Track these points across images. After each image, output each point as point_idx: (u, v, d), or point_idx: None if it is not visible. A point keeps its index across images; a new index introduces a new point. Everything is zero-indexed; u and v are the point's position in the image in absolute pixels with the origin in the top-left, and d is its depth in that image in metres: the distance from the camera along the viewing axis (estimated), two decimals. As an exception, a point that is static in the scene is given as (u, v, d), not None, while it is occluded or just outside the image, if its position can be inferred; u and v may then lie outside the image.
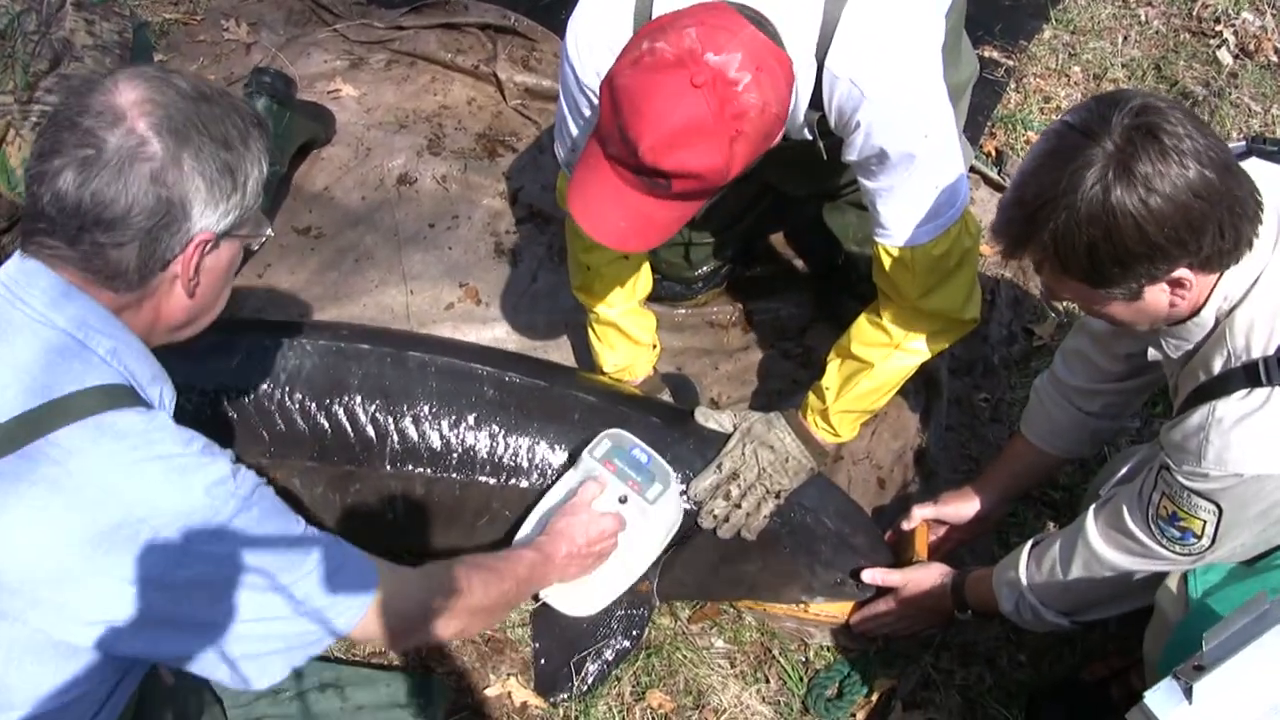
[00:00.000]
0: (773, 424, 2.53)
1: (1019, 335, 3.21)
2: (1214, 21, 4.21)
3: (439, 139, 3.58)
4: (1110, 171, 1.66)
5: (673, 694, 2.51)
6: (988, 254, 3.35)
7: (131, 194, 1.50)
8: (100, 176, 1.49)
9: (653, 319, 2.81)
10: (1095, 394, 2.43)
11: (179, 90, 1.56)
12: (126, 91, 1.53)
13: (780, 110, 1.90)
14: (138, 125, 1.51)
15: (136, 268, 1.55)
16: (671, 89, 1.80)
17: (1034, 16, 4.18)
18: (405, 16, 3.90)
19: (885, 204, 2.19)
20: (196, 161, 1.54)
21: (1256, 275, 1.79)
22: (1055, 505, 2.84)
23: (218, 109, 1.59)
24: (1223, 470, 1.81)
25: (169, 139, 1.52)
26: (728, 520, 2.47)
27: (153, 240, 1.54)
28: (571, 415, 2.51)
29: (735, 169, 1.89)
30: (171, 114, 1.53)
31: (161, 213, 1.53)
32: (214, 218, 1.58)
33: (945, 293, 2.30)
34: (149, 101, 1.53)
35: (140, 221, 1.52)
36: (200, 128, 1.55)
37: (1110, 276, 1.75)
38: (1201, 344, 1.88)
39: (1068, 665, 2.57)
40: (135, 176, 1.50)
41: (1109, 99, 1.73)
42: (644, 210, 1.96)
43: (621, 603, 2.52)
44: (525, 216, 3.40)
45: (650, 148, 1.82)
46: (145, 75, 1.57)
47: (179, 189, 1.53)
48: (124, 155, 1.50)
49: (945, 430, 2.98)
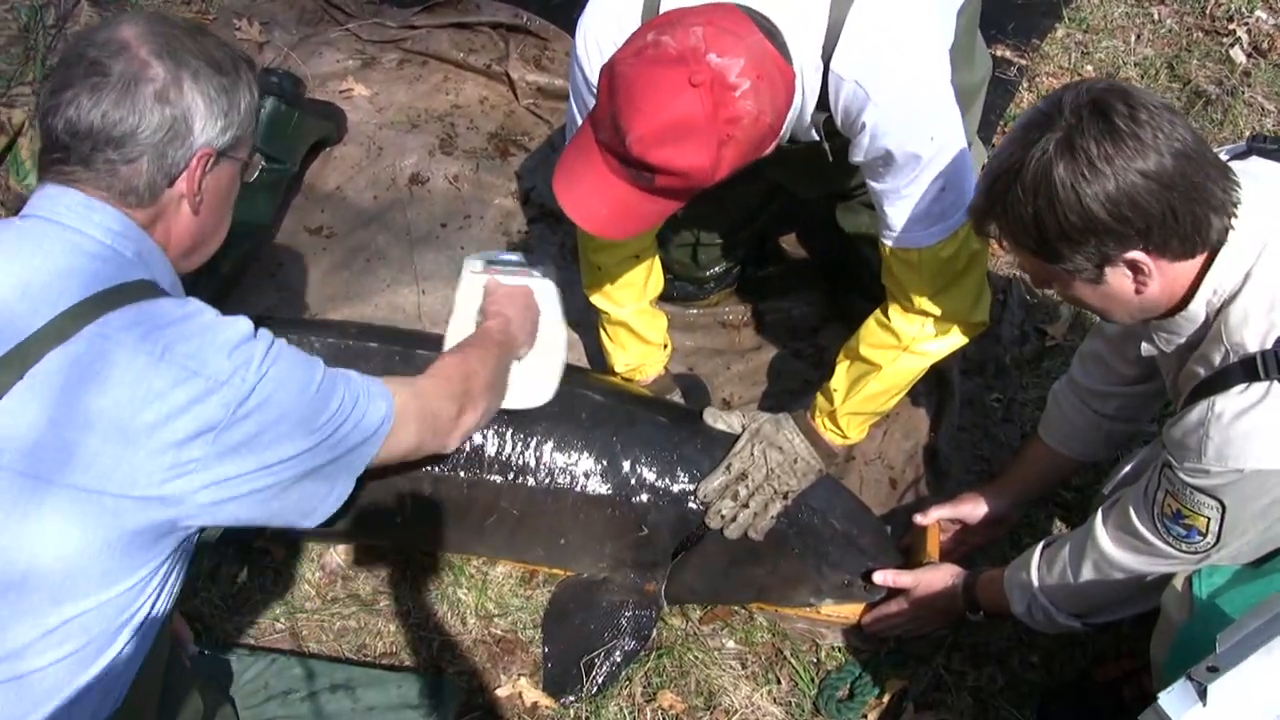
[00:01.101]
0: (781, 425, 2.52)
1: (1031, 335, 3.20)
2: (1227, 20, 4.19)
3: (451, 138, 3.58)
4: (1053, 146, 1.70)
5: (684, 694, 2.51)
6: (1000, 255, 3.35)
7: (139, 111, 1.63)
8: (109, 98, 1.62)
9: (664, 319, 2.81)
10: (1111, 397, 2.43)
11: (174, 24, 1.72)
12: (127, 27, 1.67)
13: (775, 122, 1.90)
14: (140, 52, 1.64)
15: (148, 183, 1.67)
16: (669, 84, 1.80)
17: (1047, 15, 4.17)
18: (417, 16, 3.90)
19: (892, 205, 2.19)
20: (195, 82, 1.67)
21: (1249, 269, 1.79)
22: (1067, 506, 2.83)
23: (210, 40, 1.74)
24: (1223, 466, 1.81)
25: (169, 62, 1.65)
26: (735, 520, 2.47)
27: (160, 154, 1.66)
28: (579, 414, 2.51)
29: (721, 173, 1.89)
30: (170, 42, 1.67)
31: (167, 127, 1.65)
32: (214, 132, 1.71)
33: (954, 295, 2.30)
34: (148, 33, 1.67)
35: (148, 136, 1.64)
36: (196, 54, 1.69)
37: (1059, 251, 1.77)
38: (1197, 340, 1.88)
39: (1079, 666, 2.56)
40: (141, 95, 1.63)
41: (1074, 83, 1.78)
42: (626, 200, 1.96)
43: (630, 604, 2.52)
44: (537, 216, 3.41)
45: (639, 138, 1.82)
46: (144, 15, 1.76)
47: (181, 105, 1.66)
48: (129, 78, 1.63)
49: (957, 430, 2.98)
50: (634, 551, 2.54)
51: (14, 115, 2.49)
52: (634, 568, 2.55)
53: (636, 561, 2.54)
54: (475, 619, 2.60)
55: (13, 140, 2.52)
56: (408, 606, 2.61)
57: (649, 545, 2.53)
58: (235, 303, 3.09)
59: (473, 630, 2.58)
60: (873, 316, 2.43)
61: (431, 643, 2.57)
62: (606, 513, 2.51)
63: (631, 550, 2.54)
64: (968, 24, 2.49)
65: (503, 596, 2.64)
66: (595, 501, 2.50)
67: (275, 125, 3.18)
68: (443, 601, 2.62)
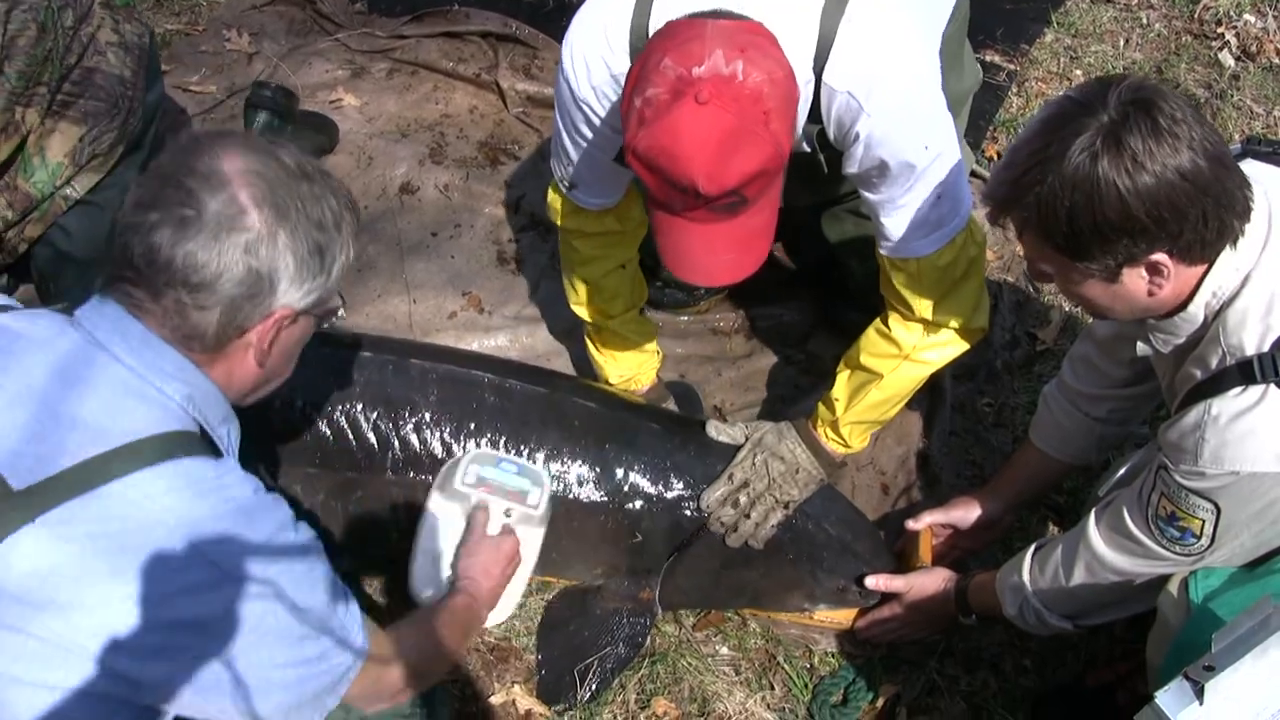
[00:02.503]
0: (784, 435, 2.52)
1: (1022, 340, 3.20)
2: (1215, 24, 4.21)
3: (441, 147, 3.58)
4: (1099, 140, 1.67)
5: (678, 701, 2.50)
6: (991, 259, 3.35)
7: (224, 261, 1.51)
8: (196, 239, 1.50)
9: (651, 325, 2.81)
10: (1102, 400, 2.43)
11: (283, 165, 1.58)
12: (232, 159, 1.54)
13: (784, 70, 1.88)
14: (239, 194, 1.52)
15: (215, 333, 1.57)
16: (686, 119, 1.79)
17: (1035, 20, 4.19)
18: (407, 25, 3.91)
19: (888, 216, 2.19)
20: (290, 239, 1.56)
21: (1248, 272, 1.78)
22: (1059, 510, 2.83)
23: (317, 189, 1.60)
24: (1219, 468, 1.81)
25: (268, 212, 1.54)
26: (736, 529, 2.47)
27: (235, 308, 1.55)
28: (572, 422, 2.51)
29: (786, 143, 1.88)
30: (273, 188, 1.55)
31: (249, 283, 1.54)
32: (297, 295, 1.60)
33: (953, 303, 2.30)
34: (253, 173, 1.54)
35: (227, 289, 1.53)
36: (299, 206, 1.57)
37: (1088, 249, 1.75)
38: (1195, 342, 1.88)
39: (1073, 670, 2.56)
40: (230, 245, 1.51)
41: (1111, 78, 1.74)
42: (739, 233, 1.97)
43: (624, 611, 2.51)
44: (528, 225, 3.41)
45: (709, 178, 1.82)
46: (252, 145, 1.58)
47: (270, 263, 1.55)
48: (222, 222, 1.51)
49: (949, 435, 2.98)
50: (628, 558, 2.54)
51: (28, 115, 2.51)
52: (628, 574, 2.54)
53: (631, 568, 2.54)
54: (468, 627, 2.59)
55: (24, 139, 2.54)
56: (400, 614, 2.59)
57: (643, 552, 2.53)
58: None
59: (466, 639, 2.58)
60: (872, 326, 2.43)
61: (424, 652, 2.56)
62: (600, 520, 2.51)
63: (626, 557, 2.54)
64: (956, 32, 2.49)
65: (496, 605, 2.64)
66: (588, 509, 2.49)
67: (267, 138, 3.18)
68: (435, 610, 2.61)
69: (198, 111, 3.60)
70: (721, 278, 2.05)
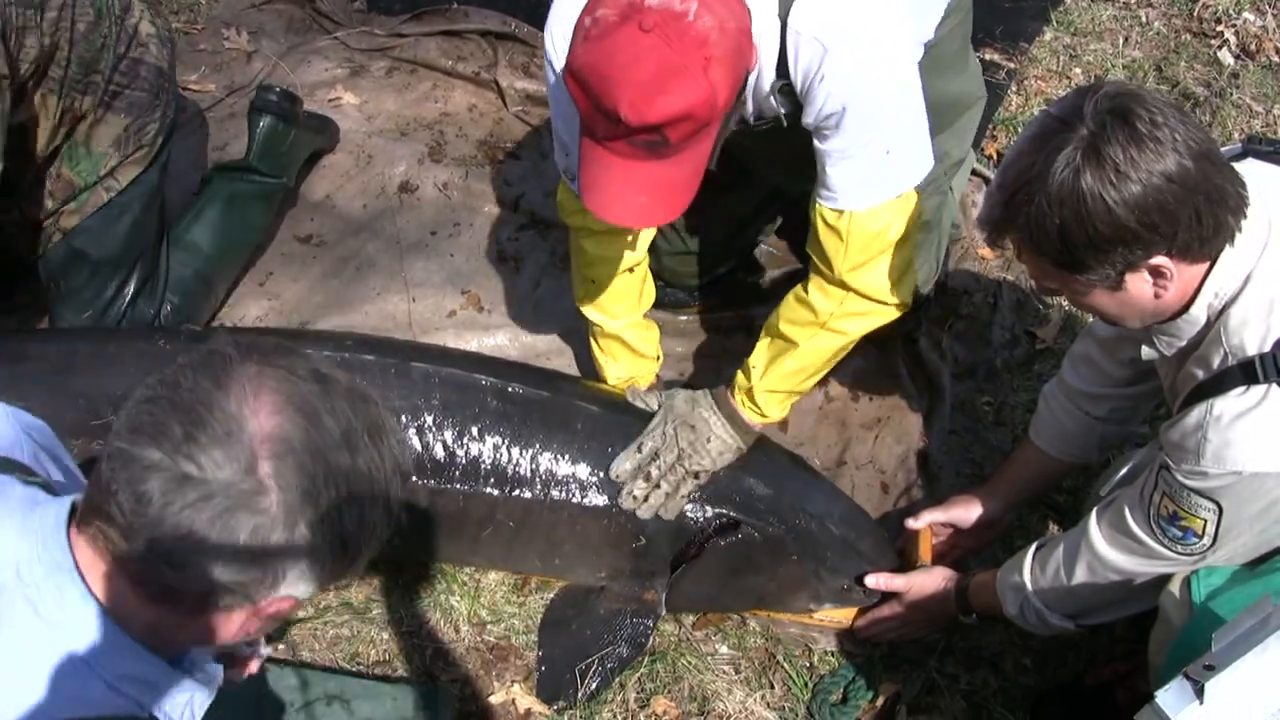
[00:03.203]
0: (697, 402, 2.49)
1: (1022, 338, 3.20)
2: (1215, 22, 4.20)
3: (440, 146, 3.57)
4: (1080, 154, 1.68)
5: (677, 700, 2.50)
6: (990, 258, 3.35)
7: (221, 541, 1.21)
8: (194, 506, 1.19)
9: (656, 331, 2.80)
10: (1103, 399, 2.42)
11: (326, 433, 1.25)
12: (266, 412, 1.22)
13: (739, 24, 1.87)
14: (260, 466, 1.20)
15: (191, 607, 1.29)
16: (626, 45, 1.78)
17: (1035, 19, 4.18)
18: (406, 24, 3.90)
19: (834, 165, 2.15)
20: (311, 533, 1.24)
21: (1249, 272, 1.79)
22: (1059, 509, 2.83)
23: (361, 462, 1.28)
24: (1221, 468, 1.81)
25: (292, 498, 1.22)
26: (647, 500, 2.45)
27: (222, 593, 1.26)
28: (575, 425, 2.51)
29: (723, 95, 1.86)
30: (305, 467, 1.23)
31: (247, 573, 1.25)
32: (303, 589, 1.30)
33: (873, 271, 2.26)
34: (284, 441, 1.22)
35: (218, 574, 1.23)
36: (334, 492, 1.25)
37: (1084, 261, 1.76)
38: (1196, 343, 1.88)
39: (1073, 669, 2.56)
40: (235, 525, 1.21)
41: (1087, 88, 1.76)
42: (656, 178, 1.94)
43: (627, 611, 2.51)
44: (527, 223, 3.40)
45: (631, 105, 1.80)
46: (295, 398, 1.25)
47: (278, 557, 1.24)
48: (232, 495, 1.20)
49: (948, 434, 2.98)
50: (632, 561, 2.54)
51: (84, 102, 2.54)
52: (632, 576, 2.54)
53: (635, 571, 2.54)
54: (468, 626, 2.59)
55: (73, 127, 2.56)
56: (400, 615, 2.60)
57: (647, 555, 2.52)
58: (225, 310, 3.10)
59: (465, 638, 2.58)
60: (792, 292, 2.40)
61: (424, 650, 2.56)
62: (603, 524, 2.51)
63: (630, 560, 2.54)
64: (957, 29, 2.49)
65: (496, 603, 2.64)
66: (592, 512, 2.49)
67: (272, 142, 3.20)
68: (435, 609, 2.61)
69: (196, 110, 3.60)
70: (627, 218, 2.00)
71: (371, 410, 1.32)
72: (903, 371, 3.07)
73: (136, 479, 1.20)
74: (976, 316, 3.22)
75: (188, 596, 1.27)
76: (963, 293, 3.26)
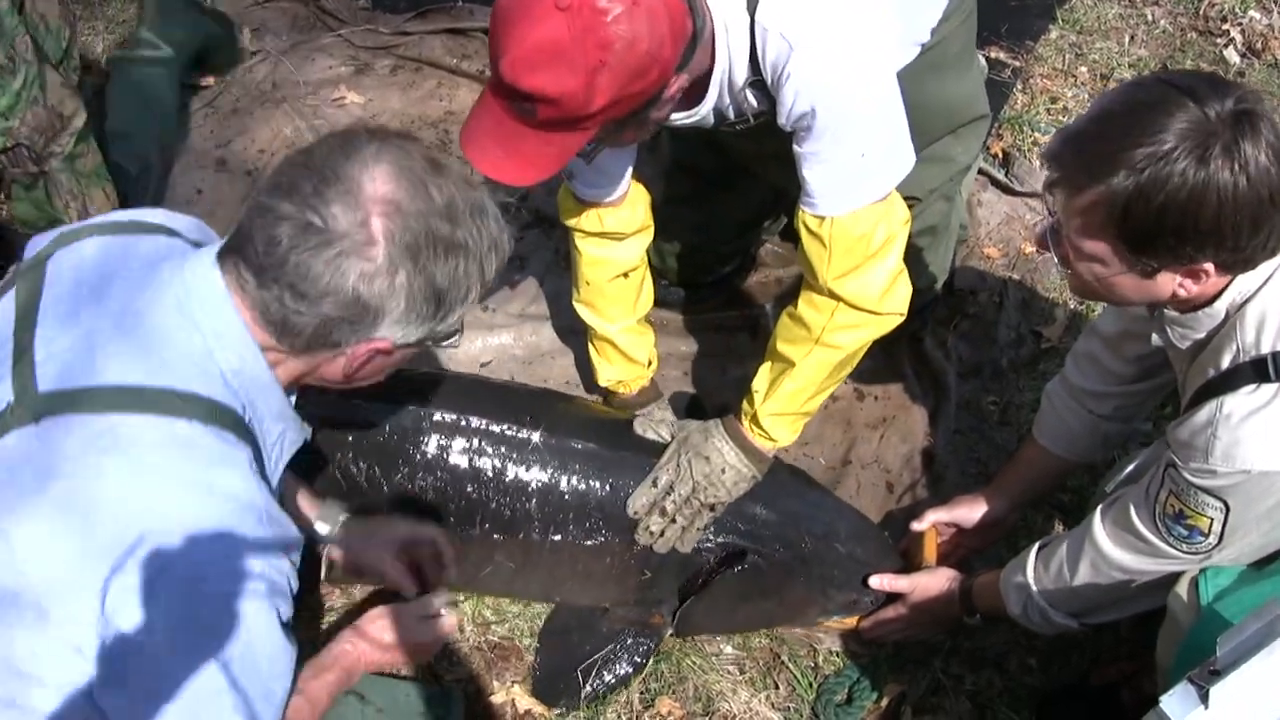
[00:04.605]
0: (710, 433, 2.44)
1: (1027, 338, 3.20)
2: (1221, 20, 4.20)
3: (445, 144, 3.57)
4: (1217, 143, 1.62)
5: (682, 701, 2.50)
6: (995, 256, 3.35)
7: (333, 281, 1.47)
8: (314, 250, 1.46)
9: (651, 336, 2.76)
10: (1107, 397, 2.42)
11: (429, 201, 1.51)
12: (381, 180, 1.49)
13: (655, 49, 1.83)
14: (372, 222, 1.47)
15: (307, 340, 1.54)
16: (537, 10, 1.76)
17: (1040, 17, 4.17)
18: (410, 22, 3.90)
19: (811, 169, 2.11)
20: (409, 280, 1.51)
21: (1271, 271, 1.78)
22: (1064, 508, 2.83)
23: (460, 233, 1.54)
24: (1230, 467, 1.80)
25: (395, 251, 1.49)
26: (663, 535, 2.43)
27: (332, 326, 1.52)
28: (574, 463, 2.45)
29: (598, 101, 1.83)
30: (410, 226, 1.49)
31: (353, 310, 1.51)
32: (400, 332, 1.56)
33: (861, 279, 2.20)
34: (394, 204, 1.49)
35: (328, 309, 1.50)
36: (432, 251, 1.51)
37: (1156, 246, 1.70)
38: (1210, 337, 1.87)
39: (1077, 669, 2.56)
40: (345, 268, 1.47)
41: (1213, 76, 1.70)
42: (516, 138, 1.91)
43: (630, 630, 2.50)
44: (531, 222, 3.40)
45: (509, 64, 1.79)
46: (407, 169, 1.52)
47: (379, 298, 1.50)
48: (344, 244, 1.47)
49: (954, 434, 2.98)
50: (638, 593, 2.52)
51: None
52: (638, 605, 2.53)
53: (641, 600, 2.52)
54: (472, 625, 2.59)
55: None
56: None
57: (654, 586, 2.50)
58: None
59: (469, 637, 2.57)
60: (785, 311, 2.36)
61: (428, 650, 2.55)
62: (606, 562, 2.48)
63: (636, 592, 2.52)
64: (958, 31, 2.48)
65: (500, 603, 2.63)
66: (594, 550, 2.46)
67: None
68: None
69: (199, 106, 3.61)
70: (481, 164, 1.96)
71: (475, 194, 1.59)
72: (908, 371, 3.07)
73: (270, 225, 1.47)
74: (982, 316, 3.22)
75: (303, 330, 1.52)
76: (969, 292, 3.26)
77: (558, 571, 2.49)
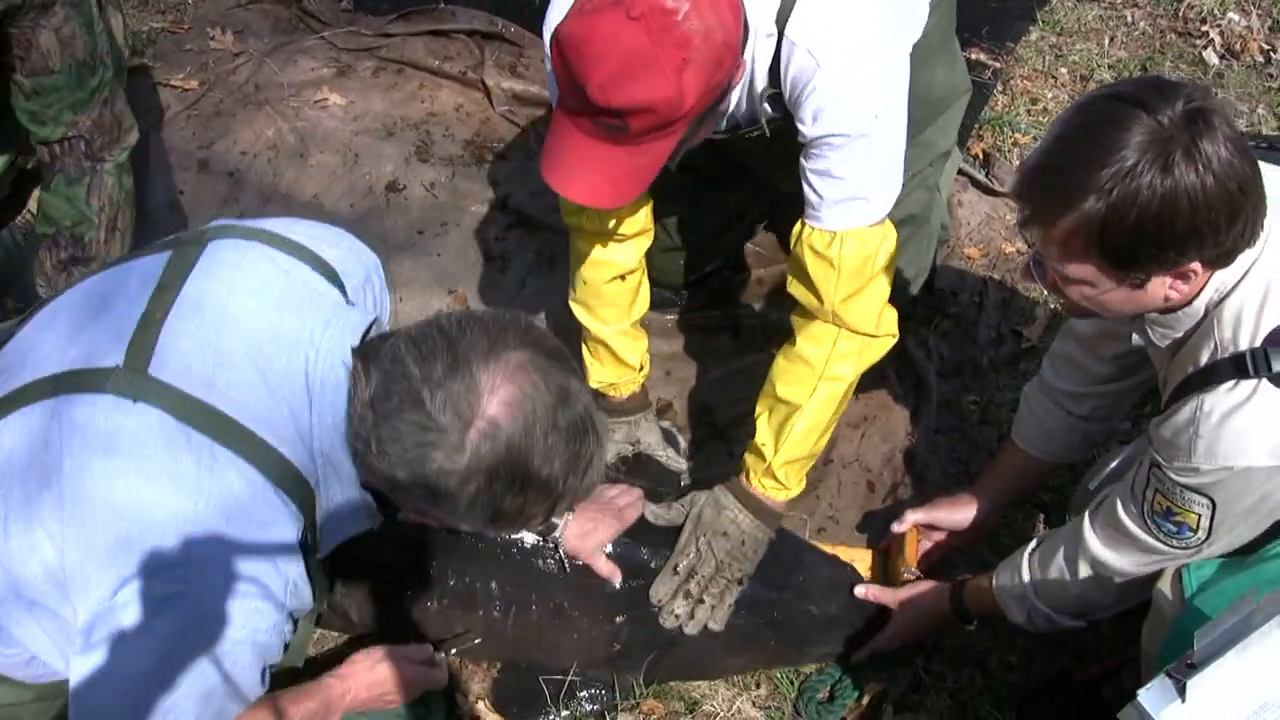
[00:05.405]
0: (721, 506, 2.43)
1: (1007, 337, 3.21)
2: (1200, 22, 4.21)
3: (427, 146, 3.57)
4: (1177, 148, 1.61)
5: (665, 700, 2.50)
6: (975, 256, 3.36)
7: (414, 458, 1.51)
8: (411, 426, 1.50)
9: (644, 341, 2.75)
10: (1085, 397, 2.42)
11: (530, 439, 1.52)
12: (499, 401, 1.50)
13: (726, 36, 1.88)
14: (469, 434, 1.49)
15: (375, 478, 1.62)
16: (609, 26, 1.79)
17: (1020, 18, 4.19)
18: (393, 23, 3.90)
19: (823, 183, 2.13)
20: (476, 494, 1.54)
21: (1248, 267, 1.78)
22: (1044, 507, 2.84)
23: (546, 472, 1.55)
24: (1213, 464, 1.81)
25: (476, 466, 1.51)
26: (693, 617, 2.42)
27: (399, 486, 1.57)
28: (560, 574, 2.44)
29: (690, 100, 1.86)
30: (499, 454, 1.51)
31: (419, 486, 1.54)
32: (453, 519, 1.62)
33: (863, 301, 2.23)
34: (499, 428, 1.50)
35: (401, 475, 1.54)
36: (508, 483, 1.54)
37: (1140, 259, 1.70)
38: (1189, 335, 1.88)
39: (1059, 666, 2.56)
40: (429, 456, 1.50)
41: (1157, 80, 1.71)
42: (612, 161, 1.94)
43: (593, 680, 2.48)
44: (514, 223, 3.40)
45: (598, 86, 1.81)
46: (529, 401, 1.52)
47: (446, 490, 1.53)
48: (438, 437, 1.49)
49: (934, 433, 2.98)
50: (607, 660, 2.48)
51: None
52: (605, 667, 2.49)
53: (611, 663, 2.49)
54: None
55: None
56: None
57: (623, 657, 2.47)
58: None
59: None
60: (779, 356, 2.37)
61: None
62: (574, 638, 2.45)
63: (605, 659, 2.48)
64: (941, 21, 2.49)
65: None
66: (563, 627, 2.44)
67: None
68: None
69: (181, 108, 3.60)
70: (575, 193, 2.00)
71: (585, 446, 1.57)
72: (889, 370, 3.07)
73: (394, 377, 1.52)
74: (963, 315, 3.23)
75: (376, 473, 1.57)
76: (949, 292, 3.27)
77: (522, 645, 2.47)
